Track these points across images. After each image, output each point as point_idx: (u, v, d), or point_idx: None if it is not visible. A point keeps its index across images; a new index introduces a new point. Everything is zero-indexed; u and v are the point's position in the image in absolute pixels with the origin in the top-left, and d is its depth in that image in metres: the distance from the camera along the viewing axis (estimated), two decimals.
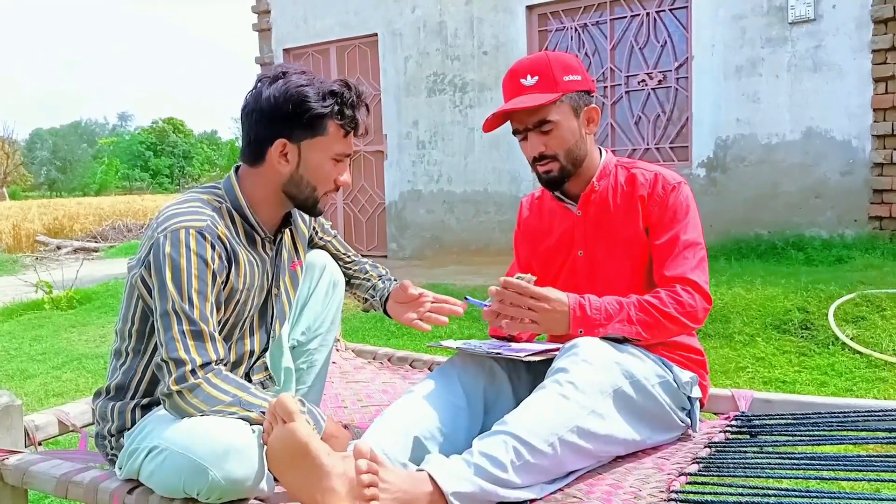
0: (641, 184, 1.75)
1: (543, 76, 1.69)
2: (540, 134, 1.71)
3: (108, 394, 1.60)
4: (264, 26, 8.29)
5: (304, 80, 1.56)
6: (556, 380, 1.47)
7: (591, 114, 1.74)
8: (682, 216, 1.71)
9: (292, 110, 1.54)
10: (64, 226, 16.04)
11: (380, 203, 7.80)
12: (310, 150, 1.58)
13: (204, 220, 1.51)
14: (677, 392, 1.64)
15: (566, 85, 1.69)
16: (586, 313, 1.59)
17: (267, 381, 1.77)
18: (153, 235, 1.50)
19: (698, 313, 1.64)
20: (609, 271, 1.75)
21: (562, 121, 1.70)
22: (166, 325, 1.43)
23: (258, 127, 1.58)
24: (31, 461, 1.68)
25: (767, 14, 5.50)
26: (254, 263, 1.63)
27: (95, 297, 6.47)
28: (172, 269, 1.45)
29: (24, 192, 48.85)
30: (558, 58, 1.72)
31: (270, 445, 1.31)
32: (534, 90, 1.68)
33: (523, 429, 1.38)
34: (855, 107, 5.23)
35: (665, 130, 6.15)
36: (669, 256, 1.68)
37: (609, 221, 1.76)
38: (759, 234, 5.60)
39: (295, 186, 1.61)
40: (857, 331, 3.63)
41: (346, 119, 1.57)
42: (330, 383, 2.28)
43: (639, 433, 1.55)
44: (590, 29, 6.40)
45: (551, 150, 1.71)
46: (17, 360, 4.59)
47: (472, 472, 1.33)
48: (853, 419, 1.67)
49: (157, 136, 57.27)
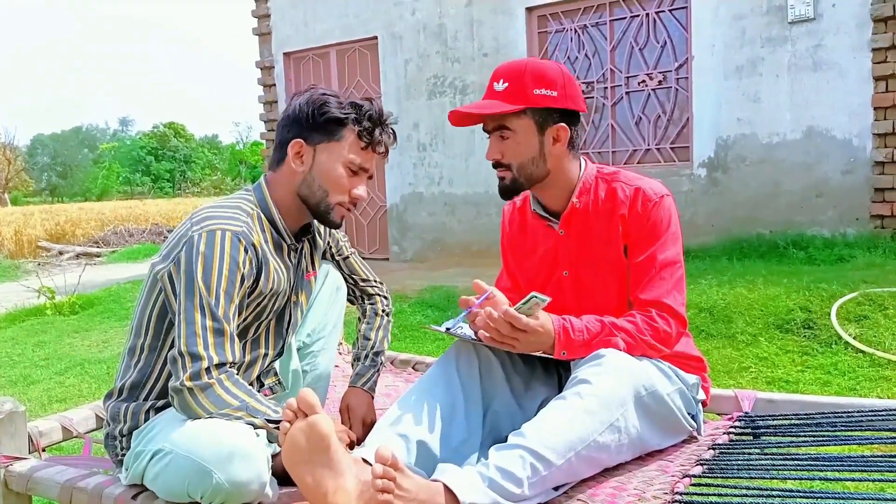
0: (622, 201, 1.69)
1: (513, 85, 1.65)
2: (499, 139, 1.69)
3: (120, 395, 1.60)
4: (264, 30, 8.30)
5: (331, 92, 1.63)
6: (578, 392, 1.45)
7: (558, 132, 1.67)
8: (662, 232, 1.67)
9: (311, 112, 1.60)
10: (66, 231, 16.05)
11: (381, 206, 7.80)
12: (323, 153, 1.62)
13: (240, 226, 1.54)
14: (688, 397, 1.65)
15: (535, 99, 1.64)
16: (570, 336, 1.56)
17: (276, 386, 1.79)
18: (187, 233, 1.51)
19: (671, 339, 1.63)
20: (596, 292, 1.72)
21: (519, 133, 1.66)
22: (189, 319, 1.44)
23: (282, 131, 1.65)
24: (36, 467, 1.68)
25: (767, 14, 5.50)
26: (280, 271, 1.65)
27: (98, 302, 6.48)
28: (204, 266, 1.46)
29: (26, 198, 48.90)
30: (537, 69, 1.66)
31: (290, 438, 1.29)
32: (500, 96, 1.66)
33: (541, 445, 1.36)
34: (856, 105, 5.22)
35: (666, 131, 6.15)
36: (646, 277, 1.65)
37: (591, 243, 1.72)
38: (761, 234, 5.59)
39: (307, 188, 1.64)
40: (859, 330, 3.63)
41: (364, 129, 1.61)
42: (333, 387, 2.28)
43: (651, 441, 1.56)
44: (589, 30, 6.40)
45: (506, 160, 1.69)
46: (21, 366, 4.60)
47: (487, 486, 1.32)
48: (857, 419, 1.67)
49: (158, 141, 57.29)
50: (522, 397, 1.69)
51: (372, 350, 1.95)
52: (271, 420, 1.43)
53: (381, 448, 1.26)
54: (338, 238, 1.98)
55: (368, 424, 1.80)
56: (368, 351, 1.94)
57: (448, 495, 1.29)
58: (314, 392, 1.98)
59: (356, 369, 1.92)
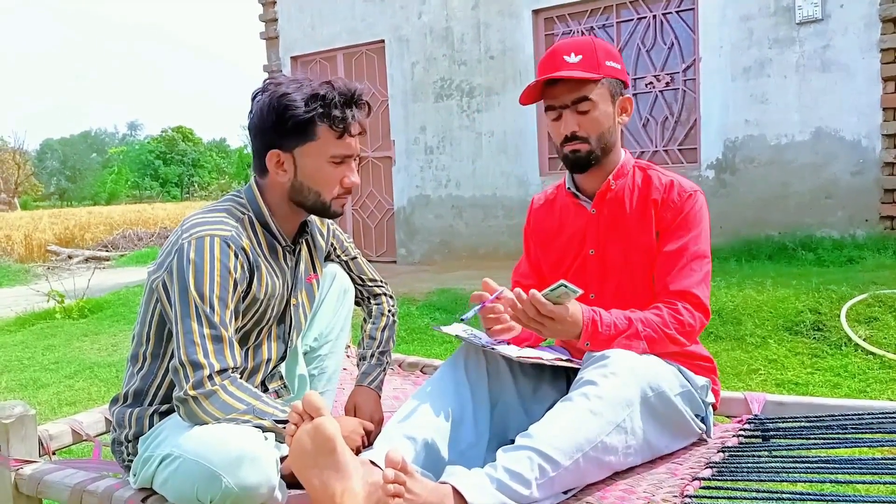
0: (656, 187, 1.73)
1: (587, 56, 1.67)
2: (576, 113, 1.68)
3: (125, 400, 1.61)
4: (271, 34, 8.33)
5: (291, 87, 1.54)
6: (585, 393, 1.45)
7: (625, 103, 1.74)
8: (694, 225, 1.70)
9: (277, 119, 1.53)
10: (75, 235, 16.13)
11: (388, 209, 7.81)
12: (304, 156, 1.57)
13: (229, 231, 1.53)
14: (695, 399, 1.64)
15: (608, 69, 1.68)
16: (597, 329, 1.56)
17: (282, 390, 1.78)
18: (177, 241, 1.51)
19: (695, 332, 1.65)
20: (621, 273, 1.73)
21: (599, 103, 1.68)
22: (187, 329, 1.44)
23: (254, 140, 1.60)
24: (46, 470, 1.69)
25: (775, 14, 5.48)
26: (274, 274, 1.64)
27: (107, 306, 6.50)
28: (196, 274, 1.46)
29: (35, 202, 49.18)
30: (602, 43, 1.72)
31: (296, 441, 1.30)
32: (577, 67, 1.66)
33: (549, 445, 1.36)
34: (864, 106, 5.20)
35: (673, 132, 6.13)
36: (676, 266, 1.67)
37: (624, 224, 1.74)
38: (770, 236, 5.57)
39: (298, 194, 1.61)
40: (869, 331, 3.61)
41: (335, 120, 1.54)
42: (341, 389, 2.28)
43: (659, 443, 1.55)
44: (596, 32, 6.39)
45: (584, 132, 1.69)
46: (31, 370, 4.62)
47: (495, 487, 1.32)
48: (867, 421, 1.66)
49: (166, 145, 57.55)
50: (530, 400, 1.69)
51: (378, 349, 1.94)
52: (280, 420, 1.43)
53: (392, 451, 1.26)
54: (342, 239, 1.97)
55: (376, 422, 1.80)
56: (374, 350, 1.94)
57: (456, 497, 1.29)
58: (321, 396, 1.99)
59: (362, 368, 1.91)
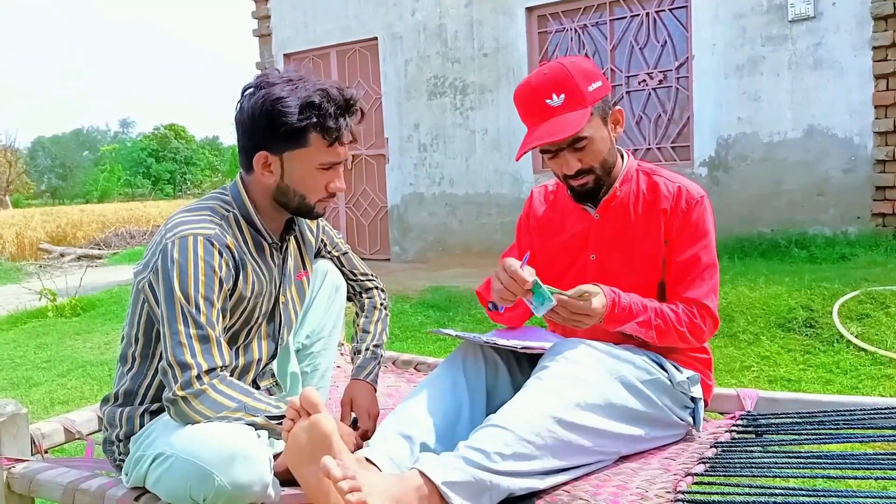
0: (665, 196, 1.72)
1: (570, 93, 1.61)
2: (574, 151, 1.65)
3: (116, 400, 1.60)
4: (264, 32, 8.30)
5: (286, 90, 1.50)
6: (539, 376, 1.50)
7: (616, 116, 1.72)
8: (703, 234, 1.71)
9: (268, 123, 1.50)
10: (67, 233, 16.05)
11: (382, 206, 7.80)
12: (292, 160, 1.55)
13: (212, 229, 1.52)
14: (672, 390, 1.65)
15: (591, 95, 1.63)
16: (613, 310, 1.59)
17: (273, 388, 1.77)
18: (161, 241, 1.50)
19: (704, 337, 1.69)
20: (623, 280, 1.71)
21: (594, 135, 1.65)
22: (173, 330, 1.43)
23: (242, 138, 1.58)
24: (38, 469, 1.68)
25: (767, 12, 5.49)
26: (261, 272, 1.63)
27: (99, 304, 6.48)
28: (180, 274, 1.45)
29: (27, 200, 48.91)
30: (577, 67, 1.63)
31: (293, 437, 1.30)
32: (563, 110, 1.61)
33: (508, 419, 1.40)
34: (856, 104, 5.22)
35: (666, 130, 6.14)
36: (688, 276, 1.69)
37: (629, 231, 1.74)
38: (762, 233, 5.59)
39: (283, 195, 1.59)
40: (861, 328, 3.62)
41: (328, 131, 1.52)
42: (334, 387, 2.28)
43: (636, 429, 1.56)
44: (590, 30, 6.40)
45: (587, 165, 1.68)
46: (23, 369, 4.60)
47: (463, 463, 1.34)
48: (859, 417, 1.67)
49: (158, 143, 57.28)
50: None
51: (372, 343, 1.94)
52: (273, 416, 1.42)
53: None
54: (332, 234, 1.96)
55: (373, 416, 1.80)
56: (369, 343, 1.93)
57: (424, 480, 1.30)
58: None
59: (357, 362, 1.91)
